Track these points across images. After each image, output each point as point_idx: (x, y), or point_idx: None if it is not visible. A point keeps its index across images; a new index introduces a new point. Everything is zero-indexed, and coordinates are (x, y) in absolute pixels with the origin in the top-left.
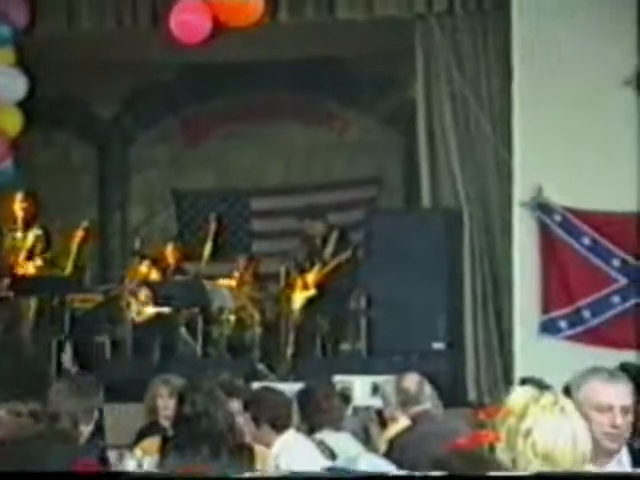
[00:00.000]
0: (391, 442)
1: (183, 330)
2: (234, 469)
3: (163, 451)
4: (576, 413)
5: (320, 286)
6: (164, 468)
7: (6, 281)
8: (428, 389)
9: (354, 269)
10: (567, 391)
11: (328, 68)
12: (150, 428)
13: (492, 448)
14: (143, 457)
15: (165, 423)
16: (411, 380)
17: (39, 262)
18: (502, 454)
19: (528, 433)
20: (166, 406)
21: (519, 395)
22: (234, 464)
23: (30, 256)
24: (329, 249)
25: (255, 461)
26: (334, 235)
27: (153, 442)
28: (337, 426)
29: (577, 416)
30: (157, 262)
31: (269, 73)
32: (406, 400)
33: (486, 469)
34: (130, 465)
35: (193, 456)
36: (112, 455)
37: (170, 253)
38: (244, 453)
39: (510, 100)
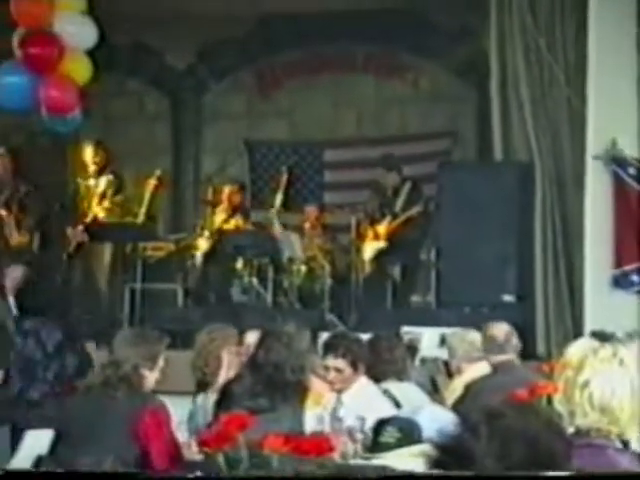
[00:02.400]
0: (467, 388)
1: (254, 279)
2: (290, 414)
3: (224, 393)
4: (635, 365)
5: (391, 237)
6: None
7: (81, 227)
8: (515, 340)
9: (425, 222)
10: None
11: (402, 19)
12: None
13: (550, 400)
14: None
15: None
16: (499, 329)
17: (107, 204)
18: (559, 406)
19: (585, 385)
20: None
21: (577, 347)
22: (290, 409)
23: (101, 202)
24: (400, 201)
25: (305, 403)
26: (406, 187)
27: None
28: (401, 376)
29: (636, 368)
30: (217, 206)
31: (343, 24)
32: (491, 348)
33: (540, 422)
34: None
35: (250, 403)
36: (179, 401)
37: (227, 195)
38: (295, 394)
39: (585, 50)
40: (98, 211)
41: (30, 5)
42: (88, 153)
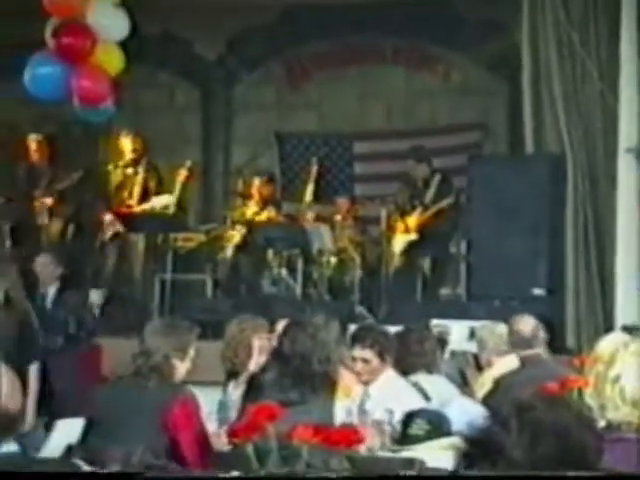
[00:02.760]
0: (497, 382)
1: (284, 271)
2: (319, 406)
3: (250, 384)
4: None
5: (421, 230)
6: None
7: (115, 217)
8: (542, 334)
9: (456, 214)
10: None
11: (432, 10)
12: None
13: (581, 394)
14: (233, 390)
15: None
16: (526, 323)
17: (165, 199)
18: (590, 400)
19: (616, 379)
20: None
21: (608, 341)
22: (319, 400)
23: (145, 192)
24: (431, 193)
25: (335, 395)
26: (437, 179)
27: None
28: (430, 369)
29: None
30: (248, 197)
31: (373, 15)
32: (518, 342)
33: (571, 415)
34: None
35: (279, 394)
36: (211, 392)
37: (257, 187)
38: (324, 387)
39: (618, 46)
40: (150, 202)
41: None
42: (126, 143)
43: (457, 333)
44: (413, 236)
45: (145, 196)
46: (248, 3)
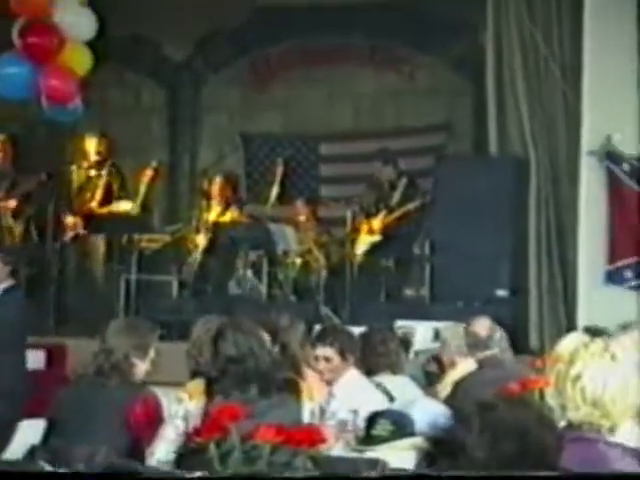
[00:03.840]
0: (456, 384)
1: (249, 272)
2: (282, 406)
3: (209, 393)
4: (629, 361)
5: (385, 232)
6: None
7: (77, 219)
8: (498, 334)
9: (420, 216)
10: None
11: (398, 11)
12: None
13: (542, 394)
14: (189, 401)
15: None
16: (482, 325)
17: (126, 205)
18: (551, 400)
19: (577, 378)
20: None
21: (569, 341)
22: (282, 401)
23: (108, 194)
24: (396, 196)
25: (301, 396)
26: (403, 181)
27: (198, 385)
28: (394, 370)
29: (630, 365)
30: (211, 199)
31: (339, 16)
32: (475, 344)
33: (531, 414)
34: (179, 412)
35: (241, 396)
36: (174, 393)
37: (218, 187)
38: (291, 390)
39: (581, 45)
40: (99, 201)
41: None
42: (92, 144)
43: (421, 334)
44: (377, 237)
45: (108, 198)
46: (216, 5)
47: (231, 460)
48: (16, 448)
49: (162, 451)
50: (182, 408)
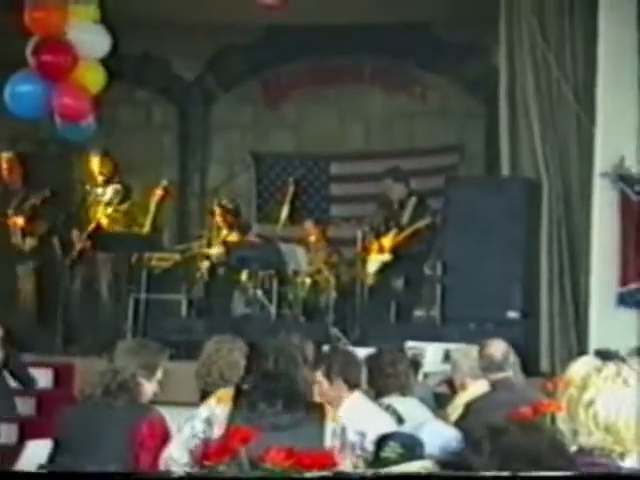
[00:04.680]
0: (468, 406)
1: (259, 292)
2: (307, 425)
3: (236, 402)
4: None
5: (396, 251)
6: (236, 418)
7: (84, 235)
8: (512, 358)
9: (431, 236)
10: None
11: (411, 33)
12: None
13: (553, 418)
14: (216, 405)
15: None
16: (496, 347)
17: (111, 212)
18: (563, 425)
19: (590, 404)
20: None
21: (580, 365)
22: (307, 420)
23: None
24: (407, 215)
25: (325, 419)
26: (412, 201)
27: (227, 392)
28: (404, 392)
29: None
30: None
31: (351, 36)
32: (489, 366)
33: (543, 439)
34: (202, 413)
35: (267, 408)
36: (183, 413)
37: (219, 214)
38: (316, 410)
39: (594, 67)
40: (101, 219)
41: (44, 13)
42: (95, 163)
43: (431, 355)
44: (387, 257)
45: (115, 217)
46: (228, 23)
47: None
48: (24, 467)
49: (176, 448)
50: (206, 410)
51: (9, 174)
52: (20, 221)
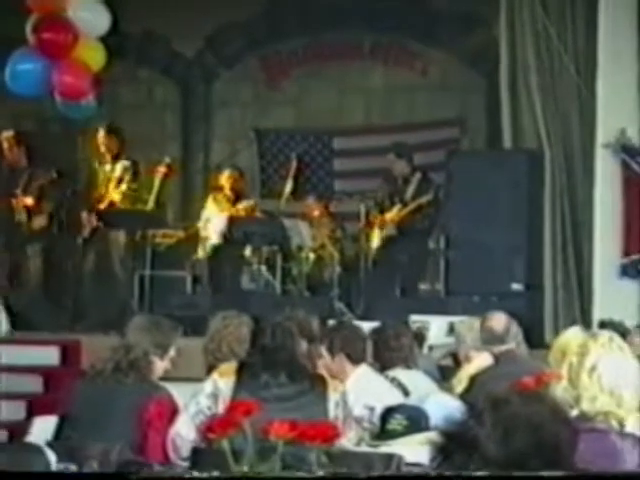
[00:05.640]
0: (472, 378)
1: (263, 267)
2: (310, 396)
3: (240, 375)
4: (634, 354)
5: (399, 226)
6: (240, 391)
7: (92, 215)
8: (514, 330)
9: (435, 210)
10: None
11: (410, 6)
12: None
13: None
14: (220, 379)
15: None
16: (497, 320)
17: (124, 188)
18: (564, 393)
19: (593, 368)
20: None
21: (572, 334)
22: (310, 391)
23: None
24: (410, 190)
25: (328, 390)
26: (417, 176)
27: (230, 366)
28: (408, 364)
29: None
30: (216, 191)
31: (350, 12)
32: (491, 339)
33: (545, 409)
34: (206, 388)
35: (271, 380)
36: (189, 389)
37: (225, 180)
38: (318, 382)
39: (595, 39)
40: (114, 196)
41: None
42: (101, 139)
43: (436, 328)
44: (391, 231)
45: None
46: (228, 0)
47: (245, 456)
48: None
49: (183, 425)
50: (211, 385)
51: (10, 153)
52: (29, 201)
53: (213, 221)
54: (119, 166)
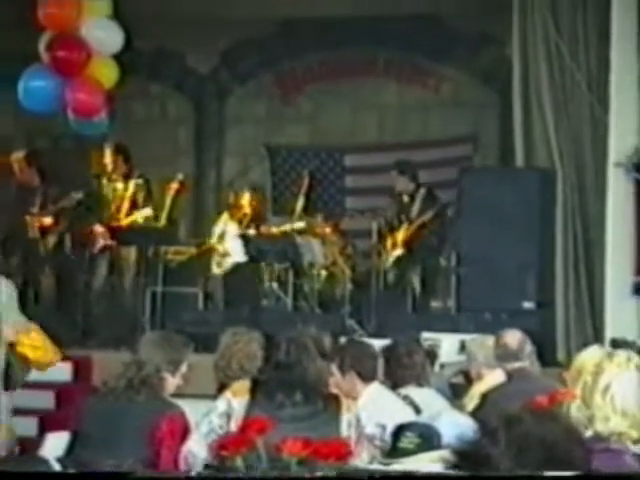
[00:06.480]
0: (484, 396)
1: (274, 284)
2: (324, 416)
3: (254, 394)
4: None
5: (408, 244)
6: (254, 410)
7: (104, 231)
8: (528, 347)
9: (442, 227)
10: None
11: (424, 24)
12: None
13: (568, 407)
14: (233, 398)
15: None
16: (512, 337)
17: (147, 212)
18: (578, 412)
19: (606, 389)
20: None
21: (590, 353)
22: (324, 411)
23: (133, 206)
24: (416, 207)
25: (341, 410)
26: (421, 193)
27: (244, 384)
28: (420, 382)
29: None
30: (235, 212)
31: (364, 29)
32: (505, 355)
33: (559, 428)
34: (219, 407)
35: (285, 400)
36: (200, 405)
37: (247, 202)
38: (332, 402)
39: (607, 57)
40: (137, 218)
41: (57, 9)
42: (108, 157)
43: (447, 346)
44: (399, 251)
45: (134, 210)
46: (243, 17)
47: (257, 474)
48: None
49: (195, 443)
50: (224, 404)
51: (22, 174)
52: (47, 221)
53: (229, 239)
54: (131, 185)
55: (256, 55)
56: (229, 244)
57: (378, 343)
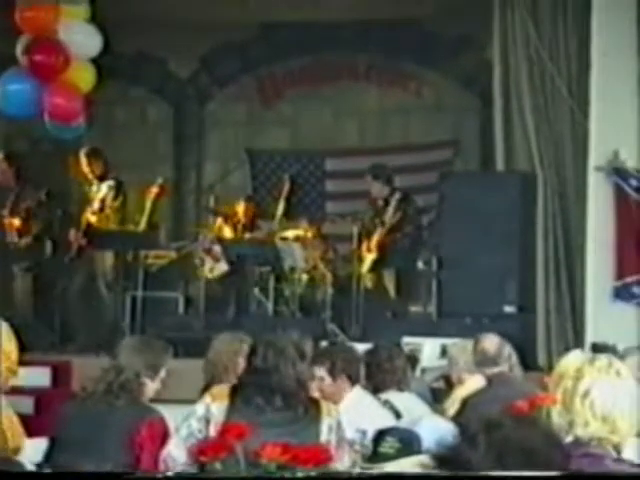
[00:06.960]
0: (464, 401)
1: (256, 289)
2: (304, 421)
3: (233, 398)
4: (632, 378)
5: (381, 248)
6: (233, 415)
7: (79, 234)
8: (507, 351)
9: (419, 231)
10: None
11: (404, 28)
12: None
13: (549, 412)
14: (212, 402)
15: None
16: (490, 341)
17: (108, 211)
18: (558, 418)
19: (586, 394)
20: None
21: (572, 358)
22: (304, 416)
23: (102, 207)
24: (390, 212)
25: (322, 415)
26: (395, 197)
27: (223, 389)
28: (401, 387)
29: (633, 381)
30: (229, 219)
31: (345, 34)
32: (483, 361)
33: (538, 433)
34: (198, 411)
35: (264, 405)
36: (182, 410)
37: (243, 210)
38: (312, 406)
39: (588, 62)
40: (91, 217)
41: (35, 12)
42: (84, 161)
43: (428, 351)
44: (373, 255)
45: (103, 210)
46: (223, 21)
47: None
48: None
49: (174, 447)
50: (202, 408)
51: (2, 175)
52: (16, 222)
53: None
54: (104, 186)
55: (236, 59)
56: (216, 251)
57: (360, 347)
